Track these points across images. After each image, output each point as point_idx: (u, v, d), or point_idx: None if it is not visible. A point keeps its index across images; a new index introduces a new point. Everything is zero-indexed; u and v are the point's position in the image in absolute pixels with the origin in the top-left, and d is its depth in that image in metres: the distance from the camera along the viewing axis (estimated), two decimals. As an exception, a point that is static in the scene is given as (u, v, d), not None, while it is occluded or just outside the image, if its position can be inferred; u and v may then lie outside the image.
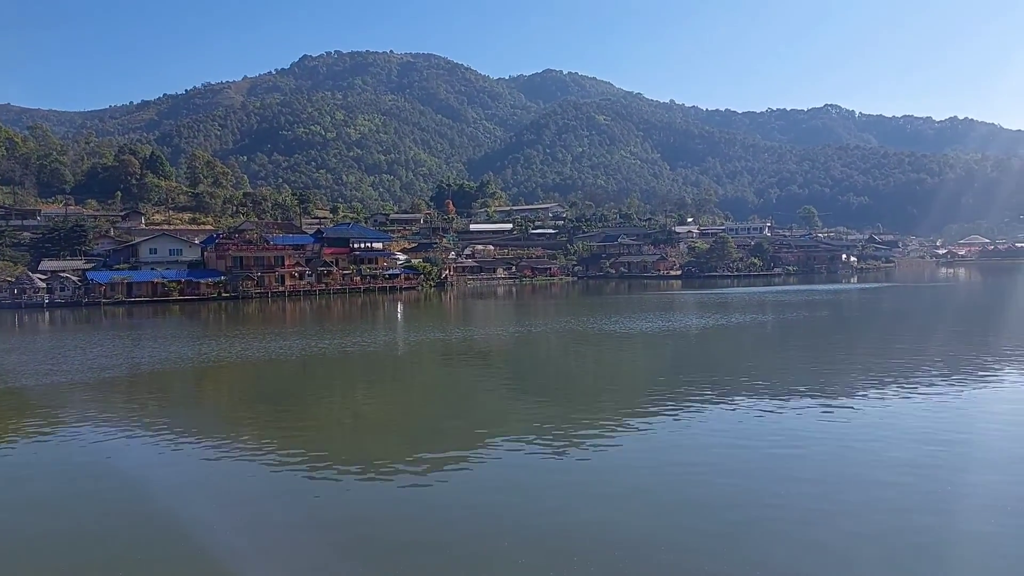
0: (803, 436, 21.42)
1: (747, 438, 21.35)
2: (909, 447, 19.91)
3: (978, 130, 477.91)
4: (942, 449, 19.72)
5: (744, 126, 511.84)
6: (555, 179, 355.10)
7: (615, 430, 23.08)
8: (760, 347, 45.21)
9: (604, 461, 19.82)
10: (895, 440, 20.65)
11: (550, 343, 49.26)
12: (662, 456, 19.98)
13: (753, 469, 18.40)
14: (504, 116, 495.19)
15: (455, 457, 20.42)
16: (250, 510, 16.66)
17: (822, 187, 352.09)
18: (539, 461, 19.81)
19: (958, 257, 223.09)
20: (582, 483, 17.97)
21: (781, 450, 19.99)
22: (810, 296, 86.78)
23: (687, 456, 19.85)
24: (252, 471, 19.42)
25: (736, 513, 15.43)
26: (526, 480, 18.41)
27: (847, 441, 20.70)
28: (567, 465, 19.43)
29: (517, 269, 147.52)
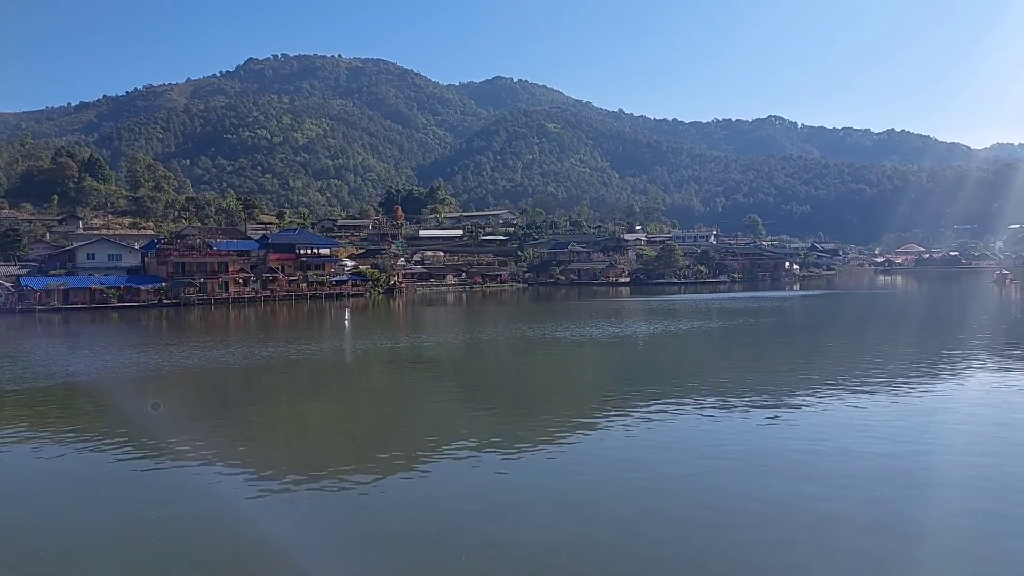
0: (747, 442, 21.68)
1: (691, 445, 21.57)
2: (840, 454, 20.25)
3: (913, 142, 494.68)
4: (877, 458, 20.09)
5: (691, 136, 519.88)
6: (506, 186, 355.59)
7: (565, 437, 23.07)
8: (707, 354, 45.74)
9: (553, 468, 19.73)
10: (831, 444, 21.03)
11: (500, 350, 49.06)
12: (609, 463, 19.94)
13: (693, 476, 18.49)
14: (454, 122, 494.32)
15: (403, 465, 20.17)
16: (194, 521, 16.07)
17: (766, 196, 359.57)
18: (488, 468, 19.71)
19: (895, 265, 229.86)
20: (531, 490, 17.85)
21: (721, 460, 20.10)
22: (755, 303, 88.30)
23: (633, 463, 19.81)
24: (194, 482, 18.78)
25: (681, 518, 15.42)
26: (475, 487, 18.28)
27: (786, 448, 20.96)
28: (517, 472, 19.35)
29: (467, 276, 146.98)
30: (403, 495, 17.76)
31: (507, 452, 21.22)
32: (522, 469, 19.76)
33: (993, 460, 19.41)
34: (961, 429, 22.90)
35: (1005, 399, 27.35)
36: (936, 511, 15.78)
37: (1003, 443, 21.26)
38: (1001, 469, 18.56)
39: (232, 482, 18.77)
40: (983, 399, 27.77)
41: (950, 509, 15.77)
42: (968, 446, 21.00)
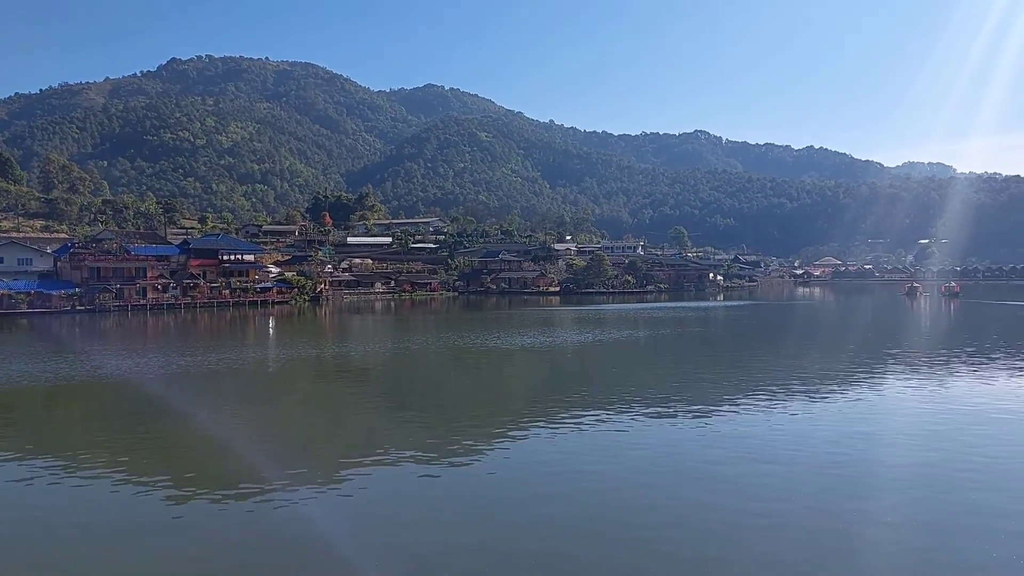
0: (673, 450, 21.88)
1: (619, 453, 21.65)
2: (765, 462, 20.60)
3: (831, 159, 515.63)
4: (780, 466, 20.50)
5: (620, 148, 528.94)
6: (436, 194, 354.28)
7: (494, 445, 22.98)
8: (635, 363, 46.25)
9: (482, 476, 19.63)
10: (755, 453, 21.36)
11: (430, 359, 48.54)
12: (538, 471, 19.88)
13: (621, 486, 18.50)
14: (385, 129, 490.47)
15: (331, 475, 19.77)
16: (107, 538, 15.25)
17: (692, 209, 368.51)
18: (417, 477, 19.50)
19: (813, 277, 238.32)
20: (460, 498, 17.70)
21: (650, 473, 20.19)
22: (680, 313, 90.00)
23: (562, 473, 19.76)
24: (107, 497, 17.83)
25: (609, 529, 15.35)
26: (404, 495, 18.02)
27: (712, 456, 21.22)
28: (446, 480, 19.19)
29: (396, 284, 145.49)
30: (331, 505, 17.34)
31: (436, 461, 21.02)
32: (451, 477, 19.59)
33: (920, 466, 20.05)
34: (884, 438, 23.64)
35: (917, 406, 28.42)
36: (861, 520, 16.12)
37: (923, 451, 22.00)
38: (928, 475, 19.15)
39: (149, 495, 17.91)
40: (901, 407, 28.78)
41: (884, 519, 16.13)
42: (895, 455, 21.65)
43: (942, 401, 29.54)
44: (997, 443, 22.48)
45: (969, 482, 18.42)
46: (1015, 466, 19.99)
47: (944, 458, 20.80)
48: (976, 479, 18.65)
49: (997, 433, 23.78)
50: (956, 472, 19.32)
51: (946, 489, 17.94)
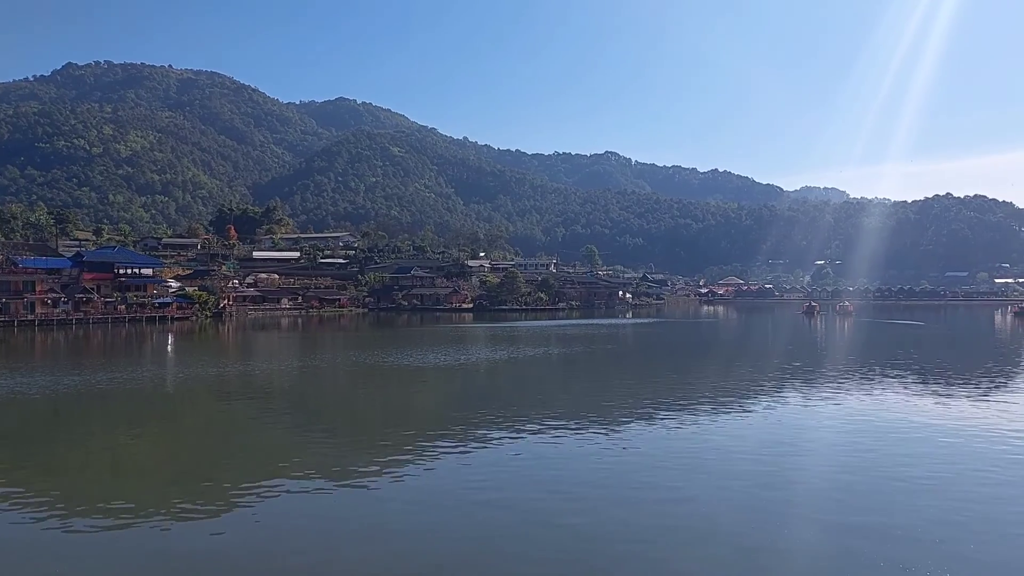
0: (583, 467, 21.65)
1: (529, 472, 21.34)
2: (678, 475, 20.65)
3: (734, 182, 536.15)
4: (718, 478, 20.60)
5: (533, 167, 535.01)
6: (347, 208, 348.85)
7: (404, 465, 22.41)
8: (547, 380, 46.13)
9: (385, 499, 18.94)
10: (661, 469, 21.41)
11: (338, 377, 47.15)
12: (447, 491, 19.46)
13: (531, 504, 18.13)
14: (294, 141, 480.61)
15: (226, 501, 18.69)
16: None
17: (602, 228, 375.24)
18: (323, 499, 18.73)
19: (717, 296, 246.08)
20: (364, 522, 16.96)
21: (561, 492, 19.89)
22: (592, 330, 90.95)
23: (473, 491, 19.38)
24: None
25: (515, 548, 14.90)
26: (305, 521, 17.16)
27: (624, 472, 21.12)
28: (350, 504, 18.44)
29: (304, 299, 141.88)
30: (227, 529, 16.36)
31: (343, 482, 20.25)
32: (355, 499, 18.87)
33: (834, 478, 20.42)
34: (791, 449, 24.05)
35: (819, 419, 29.22)
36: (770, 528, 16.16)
37: (830, 464, 22.49)
38: (841, 488, 19.48)
39: (30, 520, 16.37)
40: (810, 420, 29.50)
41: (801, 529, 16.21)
42: (805, 466, 22.01)
43: (848, 415, 30.45)
44: (892, 451, 23.22)
45: (887, 491, 18.85)
46: (906, 472, 20.61)
47: (854, 467, 21.29)
48: (889, 487, 19.12)
49: (890, 441, 24.61)
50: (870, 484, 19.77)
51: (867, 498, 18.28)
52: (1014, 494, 18.87)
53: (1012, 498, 18.51)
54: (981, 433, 26.35)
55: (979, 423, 28.25)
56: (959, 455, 23.18)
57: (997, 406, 32.58)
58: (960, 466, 21.75)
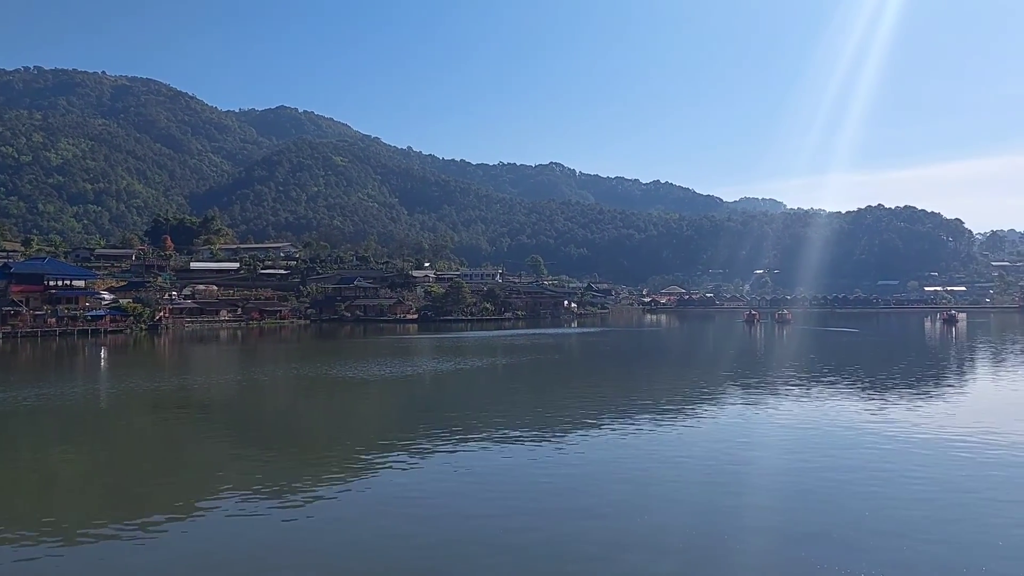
0: (530, 481, 21.44)
1: (475, 482, 21.17)
2: (613, 486, 20.57)
3: (676, 193, 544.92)
4: (665, 485, 20.61)
5: (478, 177, 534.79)
6: (288, 218, 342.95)
7: (345, 480, 22.04)
8: (494, 390, 45.87)
9: (330, 513, 18.58)
10: (605, 475, 21.31)
11: (279, 391, 46.04)
12: (391, 503, 19.17)
13: (479, 514, 17.85)
14: (233, 150, 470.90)
15: (162, 519, 18.04)
16: None
17: (548, 238, 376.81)
18: (261, 516, 18.20)
19: (660, 305, 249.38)
20: (302, 541, 16.43)
21: (508, 500, 19.64)
22: (538, 340, 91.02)
23: (417, 503, 19.15)
24: None
25: (464, 559, 14.57)
26: (243, 536, 16.77)
27: (571, 479, 20.96)
28: (288, 521, 17.88)
29: (243, 311, 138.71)
30: (162, 548, 15.81)
31: (283, 498, 19.70)
32: (298, 516, 18.28)
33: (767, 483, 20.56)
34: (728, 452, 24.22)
35: (758, 430, 29.58)
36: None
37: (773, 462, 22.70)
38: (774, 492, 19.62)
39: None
40: (753, 424, 29.84)
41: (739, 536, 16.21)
42: (747, 469, 22.16)
43: (791, 422, 30.93)
44: (834, 454, 23.60)
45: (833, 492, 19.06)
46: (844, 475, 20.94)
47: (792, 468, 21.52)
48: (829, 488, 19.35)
49: (834, 444, 25.05)
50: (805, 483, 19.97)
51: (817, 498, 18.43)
52: (948, 499, 19.30)
53: (947, 503, 18.94)
54: (917, 436, 27.02)
55: (915, 427, 28.98)
56: (898, 459, 23.70)
57: (929, 410, 33.54)
58: (898, 469, 22.24)
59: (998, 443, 25.81)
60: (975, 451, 24.59)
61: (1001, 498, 19.10)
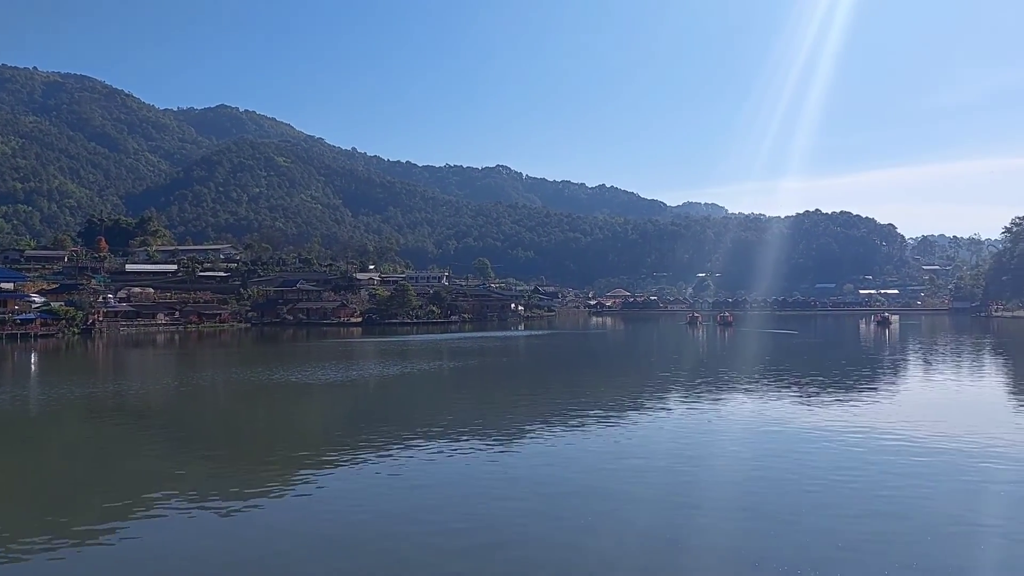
0: (475, 490, 21.30)
1: (418, 488, 20.89)
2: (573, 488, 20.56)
3: (621, 197, 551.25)
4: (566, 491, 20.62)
5: (424, 179, 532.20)
6: (229, 219, 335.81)
7: (285, 487, 21.54)
8: (439, 394, 45.54)
9: (269, 520, 18.12)
10: (544, 481, 21.29)
11: (218, 396, 44.86)
12: (330, 513, 18.72)
13: (421, 527, 17.64)
14: (171, 149, 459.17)
15: (92, 528, 17.41)
16: None
17: (495, 241, 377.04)
18: (198, 524, 17.71)
19: (606, 307, 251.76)
20: (238, 552, 15.99)
21: (453, 507, 19.43)
22: (485, 343, 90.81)
23: (361, 510, 18.86)
24: None
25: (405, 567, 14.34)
26: (178, 544, 16.27)
27: (515, 486, 20.89)
28: (225, 532, 17.39)
29: (182, 315, 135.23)
30: (98, 557, 15.34)
31: (220, 507, 19.11)
32: (235, 526, 17.78)
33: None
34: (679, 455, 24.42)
35: (705, 431, 29.94)
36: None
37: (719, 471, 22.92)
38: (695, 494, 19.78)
39: None
40: (687, 427, 30.15)
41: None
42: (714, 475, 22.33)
43: (737, 423, 31.39)
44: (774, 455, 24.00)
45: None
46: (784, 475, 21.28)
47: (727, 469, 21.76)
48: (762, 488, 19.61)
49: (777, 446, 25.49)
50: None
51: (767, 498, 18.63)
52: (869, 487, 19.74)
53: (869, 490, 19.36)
54: (859, 436, 27.65)
55: (856, 426, 29.65)
56: (842, 459, 24.18)
57: (867, 409, 34.42)
58: (842, 468, 22.69)
59: (920, 440, 26.58)
60: (902, 448, 25.28)
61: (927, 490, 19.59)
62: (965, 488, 20.38)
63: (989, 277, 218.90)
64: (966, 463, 23.10)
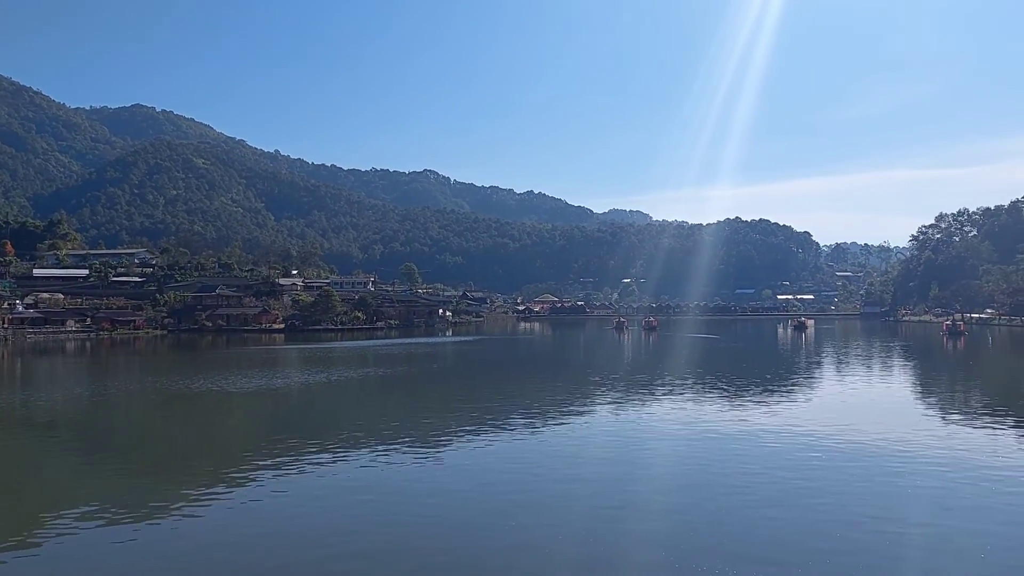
0: (397, 489, 21.00)
1: (341, 497, 20.57)
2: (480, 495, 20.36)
3: (549, 204, 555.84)
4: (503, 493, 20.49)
5: (350, 183, 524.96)
6: (144, 223, 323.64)
7: (206, 497, 20.86)
8: (364, 403, 44.78)
9: (186, 532, 17.54)
10: (471, 486, 21.05)
11: (133, 406, 42.95)
12: (250, 525, 18.24)
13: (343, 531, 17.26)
14: (83, 150, 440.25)
15: (5, 543, 16.52)
16: None
17: (422, 246, 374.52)
18: (111, 538, 17.01)
19: (534, 313, 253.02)
20: (163, 556, 15.57)
21: (379, 515, 18.98)
22: (412, 349, 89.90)
23: (282, 519, 18.43)
24: None
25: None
26: (91, 560, 15.70)
27: (440, 492, 20.57)
28: (143, 544, 16.73)
29: (93, 321, 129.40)
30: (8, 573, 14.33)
31: (135, 518, 18.40)
32: (154, 535, 17.19)
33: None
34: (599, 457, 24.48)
35: (635, 435, 30.21)
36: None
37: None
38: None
39: None
40: (617, 429, 30.34)
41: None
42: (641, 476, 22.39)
43: (667, 426, 31.73)
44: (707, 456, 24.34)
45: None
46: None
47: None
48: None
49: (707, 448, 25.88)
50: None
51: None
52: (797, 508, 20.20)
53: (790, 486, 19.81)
54: (778, 435, 28.32)
55: (777, 427, 30.40)
56: (770, 460, 24.67)
57: (785, 410, 35.40)
58: (774, 470, 23.13)
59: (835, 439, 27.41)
60: (824, 446, 26.00)
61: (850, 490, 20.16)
62: (875, 483, 21.25)
63: (897, 283, 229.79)
64: (877, 460, 24.22)
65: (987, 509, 18.68)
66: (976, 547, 15.71)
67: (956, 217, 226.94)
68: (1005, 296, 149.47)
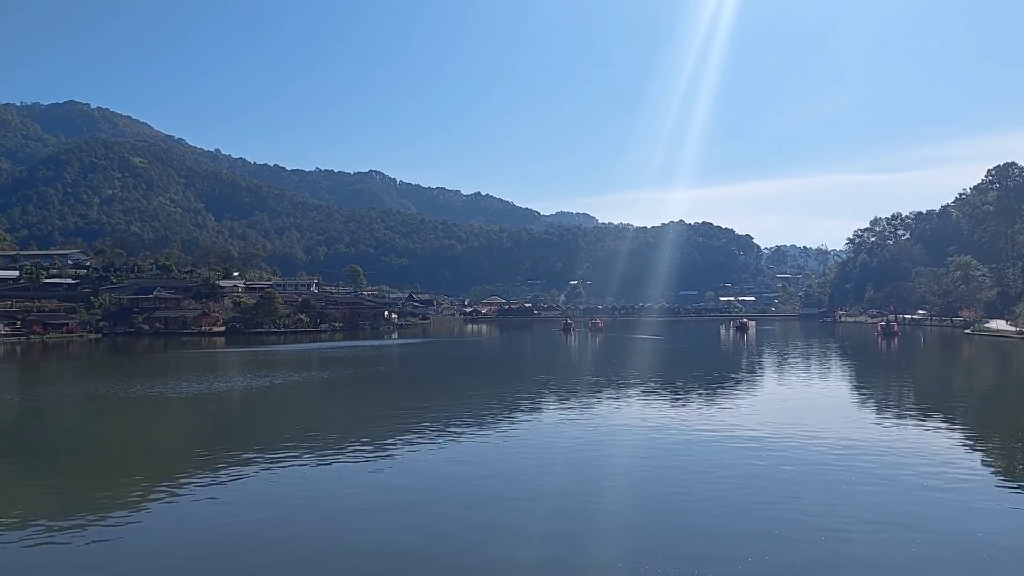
0: (339, 494, 20.73)
1: (282, 502, 20.25)
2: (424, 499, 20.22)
3: (496, 206, 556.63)
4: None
5: (293, 183, 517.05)
6: (78, 223, 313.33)
7: (142, 504, 20.35)
8: (307, 407, 44.03)
9: (124, 542, 17.01)
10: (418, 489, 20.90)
11: (65, 411, 41.51)
12: (187, 533, 17.80)
13: (283, 538, 16.92)
14: (13, 147, 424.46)
15: None
16: None
17: (367, 247, 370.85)
18: (45, 547, 16.46)
19: (481, 315, 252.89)
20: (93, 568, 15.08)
21: (321, 521, 18.65)
22: (357, 352, 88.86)
23: (222, 526, 18.11)
24: None
25: None
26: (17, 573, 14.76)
27: (388, 497, 20.34)
28: (77, 550, 16.30)
29: (24, 324, 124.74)
30: None
31: (73, 526, 17.83)
32: (91, 544, 16.64)
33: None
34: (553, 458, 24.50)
35: (588, 432, 30.32)
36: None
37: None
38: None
39: None
40: (569, 431, 30.43)
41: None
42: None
43: (616, 428, 31.93)
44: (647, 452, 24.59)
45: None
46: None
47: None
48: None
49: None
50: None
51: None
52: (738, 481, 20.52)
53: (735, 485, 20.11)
54: (721, 436, 28.77)
55: (720, 427, 30.89)
56: (708, 458, 25.03)
57: (728, 410, 36.03)
58: (730, 470, 23.47)
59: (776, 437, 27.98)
60: (766, 445, 26.49)
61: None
62: (814, 481, 21.63)
63: (834, 285, 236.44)
64: (817, 457, 24.80)
65: (921, 504, 19.28)
66: (909, 540, 16.19)
67: (890, 221, 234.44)
68: (936, 297, 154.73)
